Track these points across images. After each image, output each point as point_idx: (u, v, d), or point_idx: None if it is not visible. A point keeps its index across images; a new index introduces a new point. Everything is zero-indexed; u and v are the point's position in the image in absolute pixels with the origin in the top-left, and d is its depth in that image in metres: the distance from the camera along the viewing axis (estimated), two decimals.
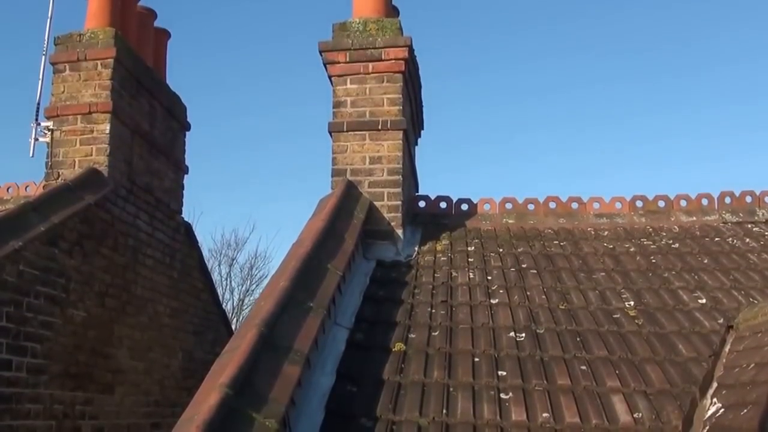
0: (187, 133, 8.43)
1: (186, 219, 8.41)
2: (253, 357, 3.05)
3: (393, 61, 6.10)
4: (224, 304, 12.98)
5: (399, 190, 5.96)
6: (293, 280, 3.88)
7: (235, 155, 34.43)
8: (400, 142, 6.02)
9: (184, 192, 8.30)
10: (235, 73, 35.26)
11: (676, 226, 6.52)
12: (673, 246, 6.02)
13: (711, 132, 32.71)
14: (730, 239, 6.12)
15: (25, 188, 7.31)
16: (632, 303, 4.96)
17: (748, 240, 6.08)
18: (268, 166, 34.94)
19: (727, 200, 6.72)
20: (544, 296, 5.08)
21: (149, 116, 7.39)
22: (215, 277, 19.89)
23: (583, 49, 33.49)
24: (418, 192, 7.34)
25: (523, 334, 4.49)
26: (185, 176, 8.33)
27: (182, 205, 8.25)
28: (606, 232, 6.43)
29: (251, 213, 40.40)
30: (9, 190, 7.39)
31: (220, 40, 35.01)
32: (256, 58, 35.13)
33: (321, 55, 6.21)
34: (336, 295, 4.40)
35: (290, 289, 3.79)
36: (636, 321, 4.68)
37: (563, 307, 4.90)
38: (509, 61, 34.67)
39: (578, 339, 4.43)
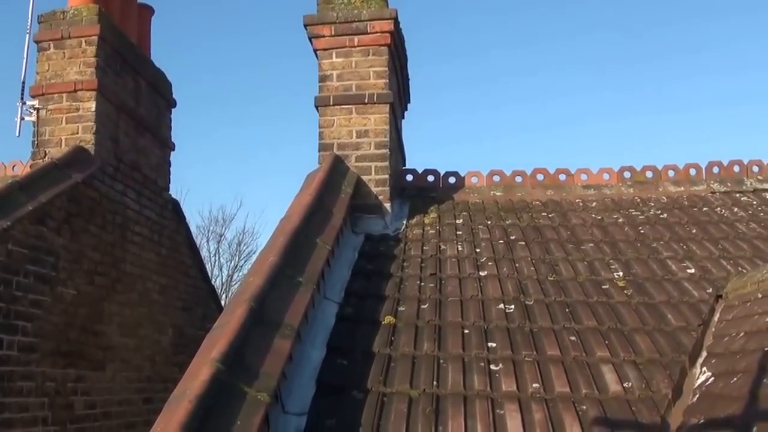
0: (172, 109, 8.38)
1: (173, 196, 8.38)
2: (243, 332, 3.05)
3: (379, 34, 6.06)
4: (213, 281, 12.96)
5: (386, 163, 5.95)
6: (282, 255, 3.88)
7: (220, 132, 34.22)
8: (387, 115, 5.99)
9: (171, 169, 8.27)
10: (222, 48, 34.95)
11: (664, 197, 6.54)
12: (661, 216, 6.05)
13: (699, 104, 32.77)
14: (719, 209, 6.15)
15: (12, 168, 7.28)
16: (621, 273, 4.99)
17: (736, 209, 6.11)
18: (254, 143, 34.79)
19: (715, 170, 6.75)
20: (532, 268, 5.09)
21: (134, 93, 7.33)
22: (203, 253, 19.91)
23: (571, 27, 33.34)
24: (405, 165, 7.33)
25: (513, 306, 4.51)
26: (172, 153, 8.29)
27: (169, 182, 8.22)
28: (594, 203, 6.45)
29: (238, 189, 40.24)
30: None
31: (205, 16, 34.65)
32: (244, 33, 34.79)
33: (306, 29, 6.15)
34: (325, 269, 4.40)
35: (279, 264, 3.79)
36: (625, 291, 4.71)
37: (552, 279, 4.92)
38: (495, 37, 34.52)
39: (567, 310, 4.45)
